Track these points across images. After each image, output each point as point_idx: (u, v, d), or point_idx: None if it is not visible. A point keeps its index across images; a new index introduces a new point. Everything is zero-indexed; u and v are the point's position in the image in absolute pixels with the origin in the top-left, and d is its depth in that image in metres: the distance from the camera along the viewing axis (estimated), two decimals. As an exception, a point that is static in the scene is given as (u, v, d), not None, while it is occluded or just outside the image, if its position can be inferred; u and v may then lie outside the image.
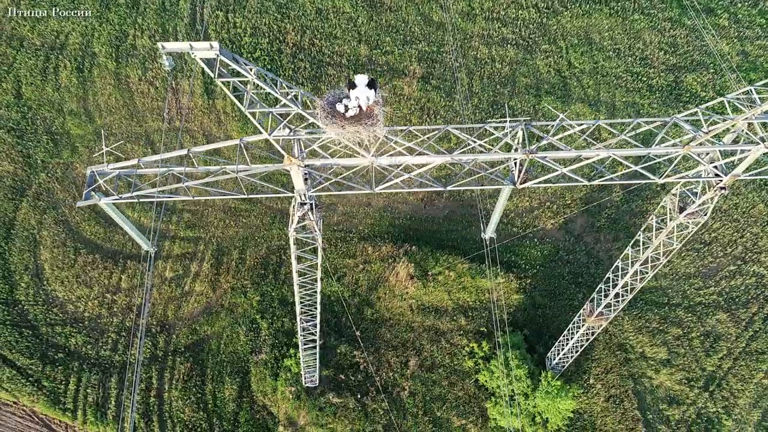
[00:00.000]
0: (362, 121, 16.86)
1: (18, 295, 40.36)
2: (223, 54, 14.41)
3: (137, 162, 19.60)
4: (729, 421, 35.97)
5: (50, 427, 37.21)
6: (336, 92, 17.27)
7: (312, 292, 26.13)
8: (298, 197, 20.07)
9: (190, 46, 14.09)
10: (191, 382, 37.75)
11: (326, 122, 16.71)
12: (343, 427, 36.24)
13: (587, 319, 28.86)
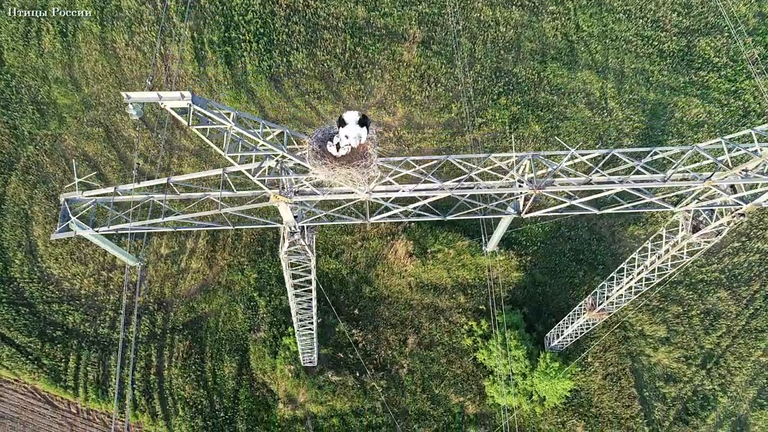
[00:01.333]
0: (354, 162, 15.59)
1: (13, 273, 39.92)
2: (196, 103, 13.15)
3: (114, 189, 18.38)
4: (724, 399, 36.29)
5: (52, 403, 37.56)
6: (326, 128, 15.95)
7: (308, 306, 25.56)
8: (287, 228, 19.01)
9: (159, 96, 12.82)
10: (190, 360, 37.87)
11: (315, 163, 15.49)
12: (342, 404, 36.62)
13: (588, 313, 28.45)
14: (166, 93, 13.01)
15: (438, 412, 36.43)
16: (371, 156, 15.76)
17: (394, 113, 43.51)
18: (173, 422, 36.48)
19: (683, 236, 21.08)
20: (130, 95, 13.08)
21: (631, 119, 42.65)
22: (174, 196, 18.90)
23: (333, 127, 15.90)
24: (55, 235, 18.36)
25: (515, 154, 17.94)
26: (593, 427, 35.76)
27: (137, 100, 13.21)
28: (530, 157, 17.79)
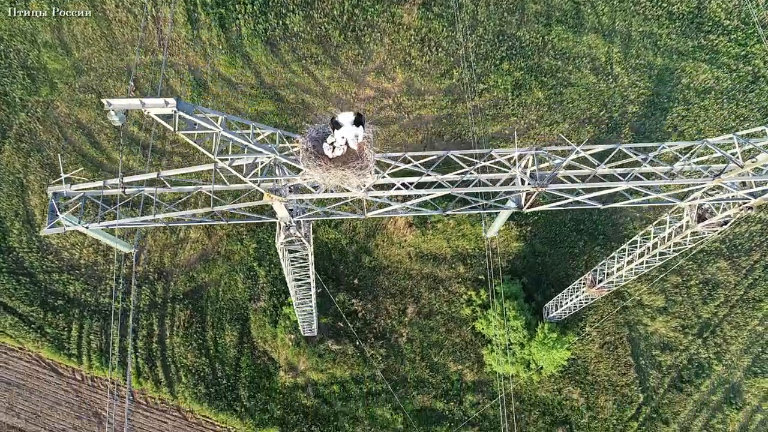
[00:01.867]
0: (350, 164, 15.04)
1: (11, 242, 39.83)
2: (181, 109, 12.55)
3: (103, 183, 17.90)
4: (719, 367, 36.81)
5: (57, 371, 38.14)
6: (320, 127, 15.31)
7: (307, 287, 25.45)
8: (282, 223, 18.62)
9: (142, 103, 12.22)
10: (192, 329, 38.23)
11: (309, 165, 14.95)
12: (342, 372, 37.19)
13: (587, 289, 28.44)
14: (149, 100, 12.46)
15: (437, 380, 37.03)
16: (367, 157, 15.23)
17: (393, 79, 42.43)
18: (176, 389, 37.13)
19: (688, 225, 20.75)
20: (111, 102, 12.52)
21: (636, 85, 41.63)
22: (165, 190, 18.42)
23: (326, 125, 15.32)
24: (45, 230, 18.01)
25: (517, 150, 17.39)
26: (589, 394, 36.42)
27: (119, 107, 12.65)
28: (533, 152, 17.25)
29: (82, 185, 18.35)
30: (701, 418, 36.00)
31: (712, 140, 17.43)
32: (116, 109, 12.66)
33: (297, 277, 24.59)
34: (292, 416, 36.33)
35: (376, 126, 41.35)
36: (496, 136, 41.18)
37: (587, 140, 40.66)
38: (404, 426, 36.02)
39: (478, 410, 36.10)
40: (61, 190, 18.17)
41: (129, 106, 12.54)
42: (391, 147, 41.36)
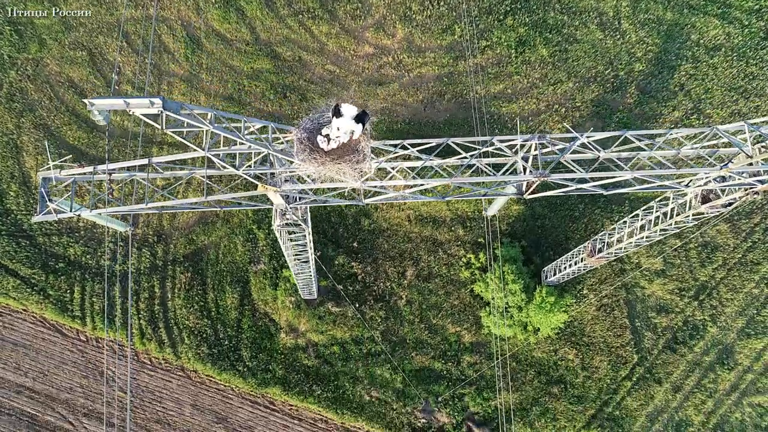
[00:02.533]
0: (346, 157, 14.54)
1: (8, 205, 39.67)
2: (168, 108, 11.99)
3: (93, 169, 17.47)
4: (713, 329, 37.35)
5: (61, 332, 38.77)
6: (314, 117, 14.71)
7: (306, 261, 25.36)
8: (278, 210, 18.28)
9: (126, 103, 11.65)
10: (193, 291, 38.59)
11: (303, 157, 14.47)
12: (342, 333, 37.79)
13: (587, 258, 28.42)
14: (133, 100, 11.90)
15: (435, 341, 37.67)
16: (364, 150, 14.76)
17: (393, 35, 41.02)
18: (180, 350, 37.85)
19: (691, 205, 20.46)
20: (93, 102, 11.98)
21: (644, 42, 40.27)
22: (157, 175, 18.04)
23: (322, 115, 14.77)
24: (36, 218, 17.74)
25: (520, 137, 16.88)
26: (584, 355, 37.12)
27: (101, 106, 12.13)
28: (536, 140, 16.75)
29: (72, 171, 17.95)
30: (693, 378, 36.83)
31: (722, 127, 16.89)
32: (99, 109, 12.15)
33: (296, 254, 24.55)
34: (293, 376, 37.18)
35: (375, 85, 40.40)
36: (498, 96, 40.21)
37: (590, 99, 39.75)
38: (403, 385, 36.91)
39: (475, 370, 36.89)
40: (50, 175, 17.77)
41: (112, 107, 12.04)
42: (391, 106, 40.49)
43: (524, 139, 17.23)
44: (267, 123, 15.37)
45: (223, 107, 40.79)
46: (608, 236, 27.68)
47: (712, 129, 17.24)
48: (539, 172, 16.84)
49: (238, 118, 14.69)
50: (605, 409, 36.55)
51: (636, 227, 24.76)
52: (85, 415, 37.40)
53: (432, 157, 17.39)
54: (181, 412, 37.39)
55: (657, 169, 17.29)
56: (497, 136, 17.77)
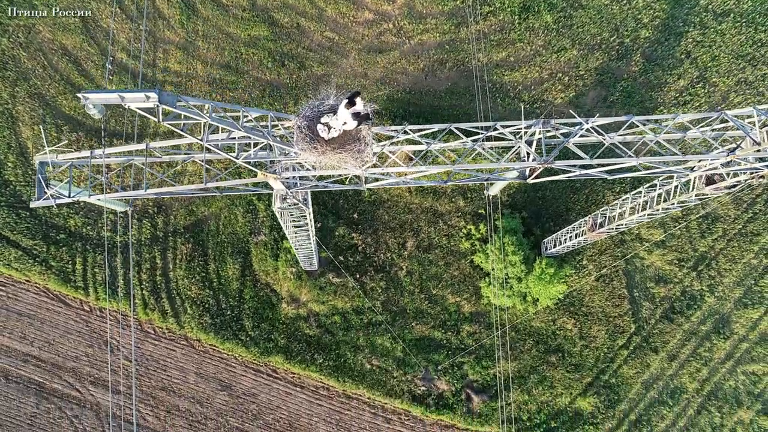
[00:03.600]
0: (347, 146, 14.30)
1: (7, 176, 39.47)
2: (164, 102, 11.68)
3: (90, 153, 17.23)
4: (711, 298, 37.70)
5: (65, 302, 39.14)
6: (314, 104, 14.39)
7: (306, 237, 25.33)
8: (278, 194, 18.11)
9: (121, 98, 11.34)
10: (194, 262, 38.78)
11: (303, 147, 14.23)
12: (343, 303, 38.17)
13: (588, 233, 28.42)
14: (128, 94, 11.60)
15: (435, 311, 38.08)
16: (366, 139, 14.53)
17: (393, 0, 39.96)
18: (183, 320, 38.30)
19: (695, 185, 20.31)
20: (87, 96, 11.69)
21: (651, 7, 39.26)
22: (155, 159, 17.84)
23: (322, 102, 14.47)
24: (34, 203, 17.62)
25: (524, 122, 16.59)
26: (582, 325, 37.59)
27: (95, 101, 11.84)
28: (540, 125, 16.47)
29: (69, 155, 17.74)
30: (689, 347, 37.39)
31: (730, 113, 16.60)
32: (94, 103, 11.89)
33: (296, 232, 24.53)
34: (295, 345, 37.73)
35: (375, 53, 39.60)
36: (500, 64, 39.47)
37: (595, 68, 39.03)
38: (403, 354, 37.50)
39: (474, 340, 37.42)
40: (47, 159, 17.57)
41: (106, 101, 11.78)
42: (391, 75, 39.79)
43: (528, 125, 16.94)
44: (266, 112, 15.10)
45: (221, 76, 40.10)
46: (610, 211, 27.62)
47: (720, 114, 16.95)
48: (543, 158, 16.63)
49: (236, 109, 14.41)
50: (602, 377, 37.25)
51: (639, 203, 24.66)
52: (91, 382, 38.13)
53: (434, 142, 17.13)
54: (186, 379, 38.10)
55: (664, 156, 17.06)
56: (501, 122, 17.47)
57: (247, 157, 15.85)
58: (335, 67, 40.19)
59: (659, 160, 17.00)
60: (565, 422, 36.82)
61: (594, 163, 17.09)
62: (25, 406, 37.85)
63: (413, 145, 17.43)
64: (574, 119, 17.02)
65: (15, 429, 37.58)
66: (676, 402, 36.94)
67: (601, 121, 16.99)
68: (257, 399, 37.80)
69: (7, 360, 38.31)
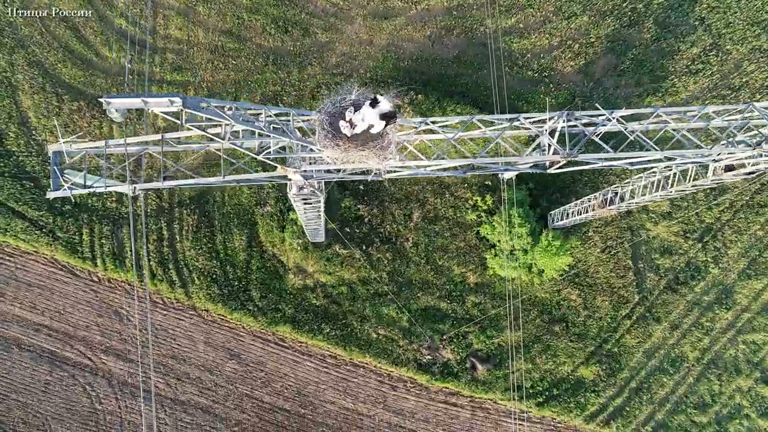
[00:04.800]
0: (370, 143, 14.00)
1: (9, 146, 39.13)
2: (188, 106, 11.38)
3: (105, 143, 16.97)
4: (715, 269, 37.94)
5: (74, 272, 39.43)
6: (336, 99, 14.01)
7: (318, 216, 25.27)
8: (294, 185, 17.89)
9: (144, 102, 11.05)
10: (201, 233, 38.88)
11: (325, 144, 13.94)
12: (350, 274, 38.46)
13: (597, 210, 28.33)
14: (152, 99, 11.32)
15: (440, 282, 38.40)
16: (389, 136, 14.25)
17: (400, -36, 38.68)
18: (191, 290, 38.67)
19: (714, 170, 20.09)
20: (109, 101, 11.41)
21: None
22: (171, 149, 17.59)
23: (344, 98, 14.13)
24: (50, 194, 17.49)
25: (548, 114, 16.25)
26: (587, 295, 37.98)
27: (118, 106, 11.55)
28: (564, 116, 16.14)
29: (84, 144, 17.52)
30: (691, 317, 37.88)
31: (758, 105, 16.29)
32: (117, 108, 11.63)
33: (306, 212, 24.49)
34: (302, 315, 38.21)
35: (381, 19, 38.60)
36: (509, 31, 38.53)
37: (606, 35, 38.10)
38: (409, 324, 38.03)
39: (479, 309, 37.87)
40: (61, 149, 17.35)
41: (130, 105, 11.50)
42: (397, 42, 38.89)
43: (551, 116, 16.59)
44: (288, 110, 14.77)
45: (222, 43, 39.20)
46: (621, 188, 27.45)
47: (747, 105, 16.63)
48: (566, 152, 16.36)
49: (259, 109, 14.13)
50: (604, 346, 37.89)
51: (652, 182, 24.47)
52: (103, 351, 38.81)
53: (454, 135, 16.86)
54: (195, 348, 38.77)
55: (690, 148, 16.81)
56: (524, 114, 17.11)
57: (267, 153, 15.63)
58: (340, 33, 39.25)
59: (684, 154, 16.76)
60: (567, 389, 37.66)
61: (619, 156, 16.84)
62: (38, 374, 38.65)
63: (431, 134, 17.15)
64: (597, 111, 16.69)
65: (30, 396, 38.50)
66: (676, 370, 37.69)
67: (624, 112, 16.67)
68: (266, 367, 38.57)
69: (20, 329, 38.89)
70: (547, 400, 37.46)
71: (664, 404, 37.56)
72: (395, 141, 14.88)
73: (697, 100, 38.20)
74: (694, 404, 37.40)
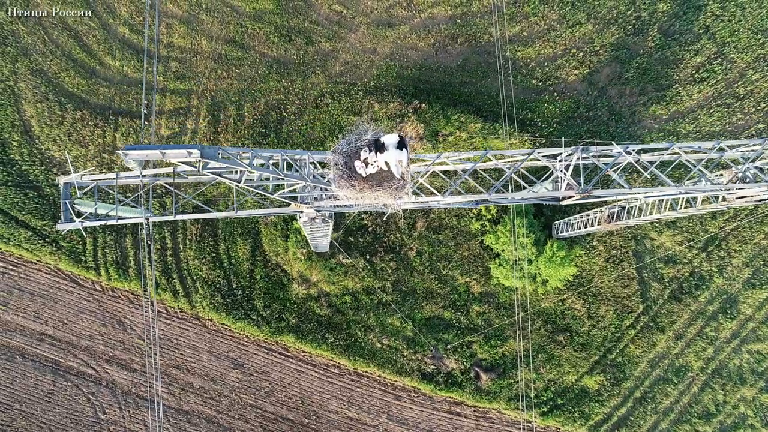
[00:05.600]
0: (385, 183, 13.88)
1: (12, 155, 39.08)
2: (206, 156, 11.31)
3: (116, 175, 16.89)
4: (719, 279, 37.86)
5: (77, 282, 39.41)
6: (351, 139, 13.92)
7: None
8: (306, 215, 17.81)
9: (162, 154, 10.98)
10: (204, 243, 38.82)
11: (341, 185, 13.83)
12: (353, 284, 38.40)
13: (603, 224, 28.24)
14: (170, 150, 11.20)
15: (445, 291, 38.35)
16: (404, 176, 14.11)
17: (404, -28, 38.53)
18: (194, 299, 38.63)
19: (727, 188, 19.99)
20: (127, 152, 11.31)
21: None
22: (182, 180, 17.50)
23: (359, 137, 14.03)
24: (61, 225, 17.40)
25: (564, 149, 16.14)
26: (591, 305, 37.92)
27: (136, 158, 11.46)
28: (579, 151, 16.03)
29: (95, 176, 17.42)
30: (696, 327, 37.81)
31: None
32: (134, 159, 11.51)
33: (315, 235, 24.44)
34: (306, 324, 38.17)
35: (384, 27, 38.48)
36: (513, 39, 38.40)
37: (610, 43, 37.95)
38: (413, 333, 37.97)
39: (483, 319, 37.82)
40: (72, 180, 17.25)
41: (147, 157, 11.40)
42: (401, 50, 38.79)
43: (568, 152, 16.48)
44: (304, 153, 14.67)
45: (226, 51, 39.09)
46: (628, 203, 27.36)
47: (764, 140, 16.52)
48: (581, 187, 16.25)
49: (276, 154, 14.03)
50: (608, 356, 37.83)
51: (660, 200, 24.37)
52: (106, 360, 38.77)
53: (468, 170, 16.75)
54: (199, 358, 38.74)
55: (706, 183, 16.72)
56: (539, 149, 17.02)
57: (282, 193, 15.55)
58: (343, 42, 39.14)
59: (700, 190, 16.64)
60: (572, 399, 37.63)
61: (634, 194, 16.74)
62: (42, 383, 38.62)
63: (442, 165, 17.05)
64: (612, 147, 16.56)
65: (34, 405, 38.48)
66: (680, 380, 37.64)
67: (641, 146, 16.60)
68: (269, 377, 38.53)
69: (23, 339, 38.87)
70: (551, 409, 37.43)
71: (669, 414, 37.52)
72: (410, 181, 14.76)
73: (702, 109, 38.10)
74: (699, 414, 37.35)
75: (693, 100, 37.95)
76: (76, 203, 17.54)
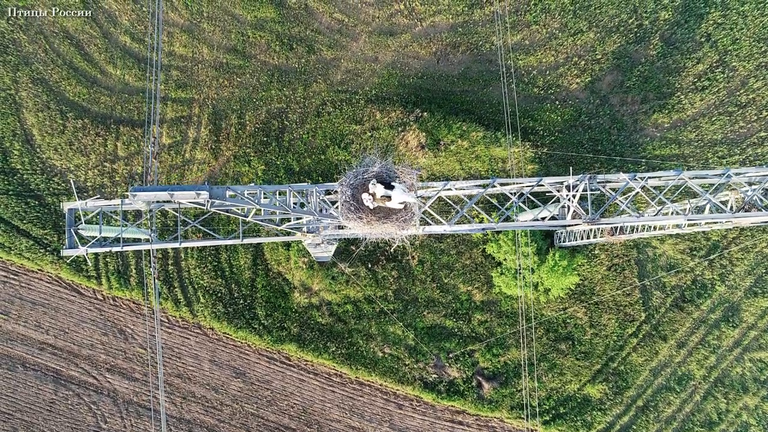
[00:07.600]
0: (392, 216, 13.82)
1: (13, 164, 39.02)
2: (215, 196, 11.24)
3: (121, 201, 16.84)
4: (722, 287, 37.84)
5: (78, 291, 39.34)
6: (358, 171, 13.88)
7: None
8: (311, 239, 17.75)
9: (170, 195, 10.90)
10: (206, 251, 38.76)
11: (348, 217, 13.78)
12: (355, 293, 38.35)
13: (606, 236, 28.22)
14: (179, 192, 11.12)
15: (446, 300, 38.30)
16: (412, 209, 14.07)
17: (405, -19, 38.51)
18: (196, 308, 38.57)
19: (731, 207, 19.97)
20: (136, 194, 11.25)
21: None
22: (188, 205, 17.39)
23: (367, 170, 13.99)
24: (65, 252, 17.35)
25: (572, 178, 16.11)
26: (593, 313, 37.87)
27: (144, 199, 11.39)
28: (586, 180, 15.99)
29: (99, 202, 17.37)
30: (698, 335, 37.78)
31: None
32: (143, 200, 11.46)
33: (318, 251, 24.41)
34: (308, 333, 38.12)
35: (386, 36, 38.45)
36: (514, 48, 38.39)
37: (612, 51, 37.93)
38: (415, 342, 37.92)
39: (485, 328, 37.77)
40: (77, 206, 17.20)
41: (156, 198, 11.32)
42: (403, 59, 38.77)
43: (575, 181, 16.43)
44: (312, 186, 14.63)
45: (227, 60, 39.08)
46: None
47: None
48: (588, 216, 16.20)
49: (284, 189, 14.00)
50: (611, 364, 37.78)
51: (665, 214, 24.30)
52: (108, 370, 38.70)
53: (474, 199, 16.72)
54: (200, 367, 38.68)
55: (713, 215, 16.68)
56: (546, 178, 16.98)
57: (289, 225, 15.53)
58: (345, 50, 39.12)
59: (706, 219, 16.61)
60: (574, 408, 37.57)
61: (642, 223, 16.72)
62: (43, 392, 38.55)
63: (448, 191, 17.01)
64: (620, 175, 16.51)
65: (35, 415, 38.42)
66: (683, 388, 37.60)
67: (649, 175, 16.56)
68: (271, 386, 38.47)
69: (24, 348, 38.80)
70: (553, 418, 37.38)
71: (671, 422, 37.48)
72: (418, 213, 14.73)
73: (704, 117, 38.08)
74: (701, 422, 37.31)
75: (695, 108, 37.94)
76: (80, 228, 17.49)
